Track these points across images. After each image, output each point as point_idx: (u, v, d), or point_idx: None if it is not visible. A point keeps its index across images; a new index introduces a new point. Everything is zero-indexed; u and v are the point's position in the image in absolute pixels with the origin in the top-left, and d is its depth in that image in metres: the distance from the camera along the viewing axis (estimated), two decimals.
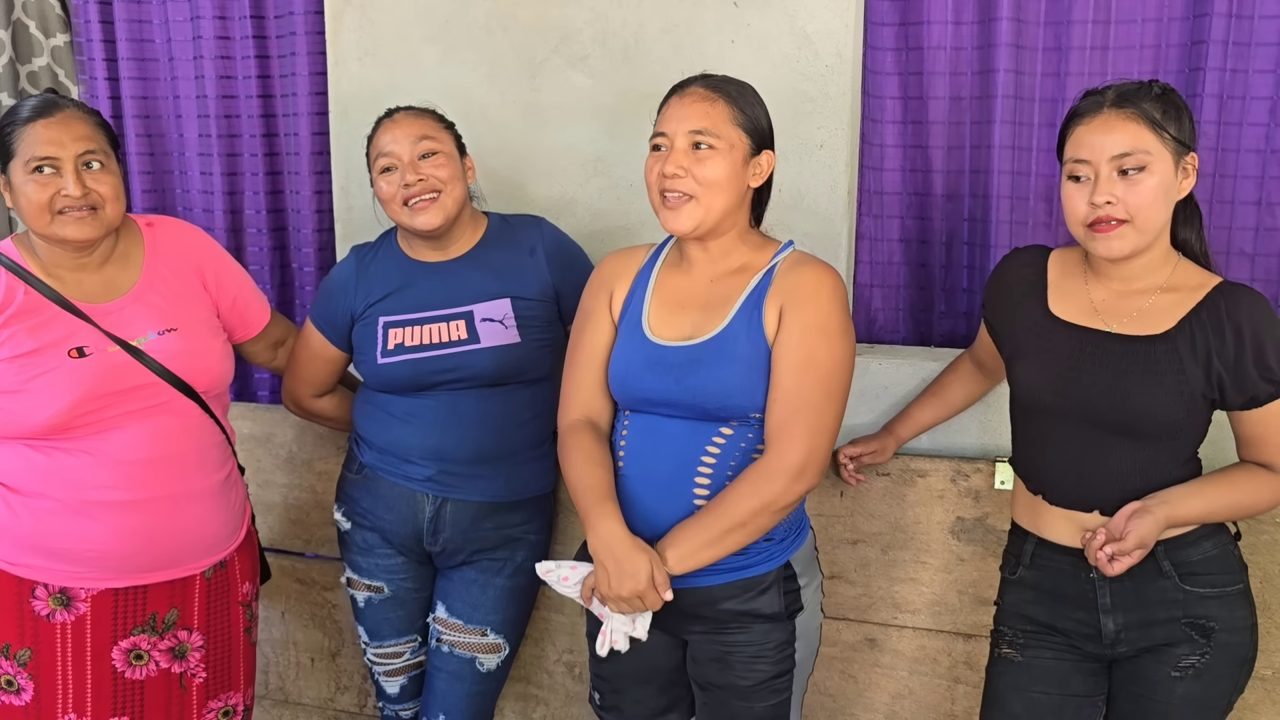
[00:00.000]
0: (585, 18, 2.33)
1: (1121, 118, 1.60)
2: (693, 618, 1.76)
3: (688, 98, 1.71)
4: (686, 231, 1.71)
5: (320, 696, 2.68)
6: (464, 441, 2.06)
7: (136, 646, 1.91)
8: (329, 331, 2.16)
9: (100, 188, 1.82)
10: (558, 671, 2.48)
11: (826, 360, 1.66)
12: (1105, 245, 1.62)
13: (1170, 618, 1.68)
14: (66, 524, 1.82)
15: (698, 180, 1.68)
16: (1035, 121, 2.23)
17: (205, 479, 1.93)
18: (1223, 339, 1.61)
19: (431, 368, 2.04)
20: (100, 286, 1.88)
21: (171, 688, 1.96)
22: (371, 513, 2.14)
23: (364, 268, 2.15)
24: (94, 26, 2.83)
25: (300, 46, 2.64)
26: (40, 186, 1.79)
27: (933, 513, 2.17)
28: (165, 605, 1.92)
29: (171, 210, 2.93)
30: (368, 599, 2.19)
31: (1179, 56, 2.14)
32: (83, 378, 1.80)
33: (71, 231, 1.81)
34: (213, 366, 1.95)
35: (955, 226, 2.34)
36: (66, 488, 1.81)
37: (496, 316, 2.06)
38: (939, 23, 2.25)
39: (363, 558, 2.17)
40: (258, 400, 2.91)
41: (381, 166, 2.04)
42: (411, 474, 2.09)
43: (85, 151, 1.81)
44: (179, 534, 1.90)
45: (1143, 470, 1.67)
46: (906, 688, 2.24)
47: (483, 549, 2.12)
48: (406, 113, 2.08)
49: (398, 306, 2.09)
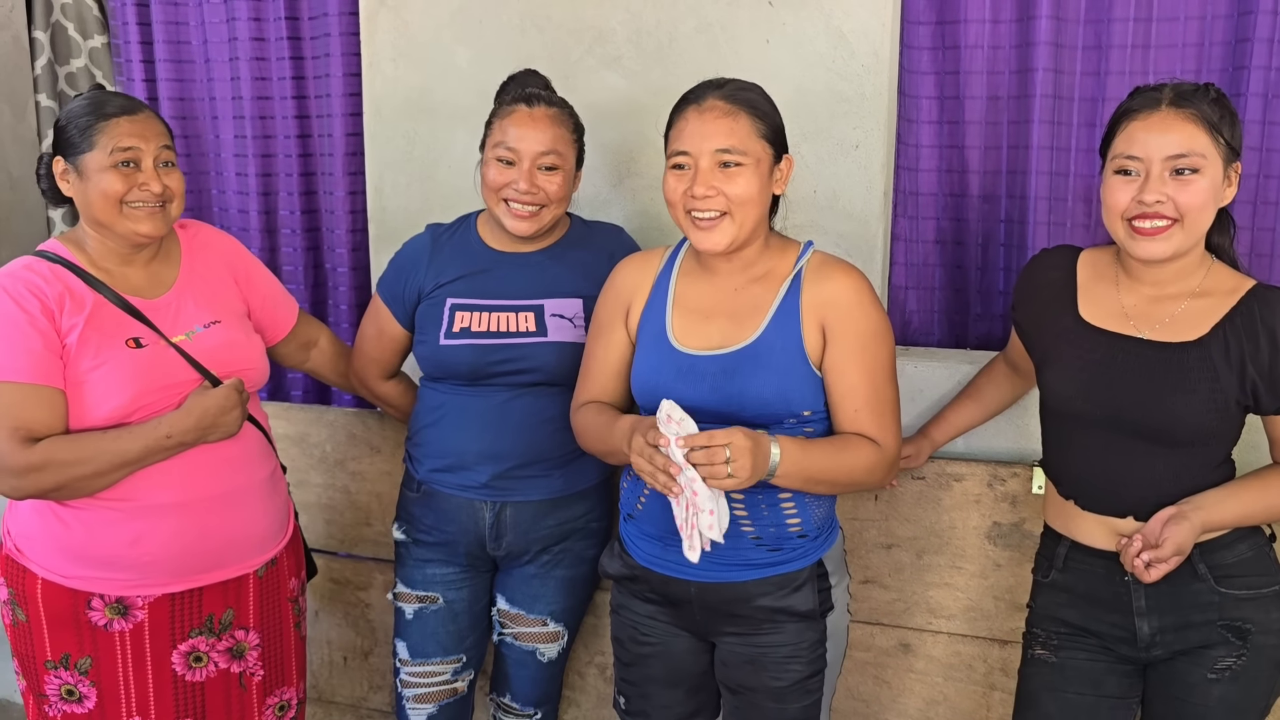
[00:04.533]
0: (619, 18, 2.33)
1: (1180, 118, 1.57)
2: (726, 617, 1.76)
3: (708, 114, 1.68)
4: (722, 250, 1.70)
5: (354, 695, 2.69)
6: (518, 443, 2.06)
7: (195, 649, 1.92)
8: (395, 306, 2.15)
9: (172, 184, 1.87)
10: (589, 673, 2.48)
11: (887, 359, 1.74)
12: (1149, 247, 1.60)
13: (1206, 620, 1.66)
14: (119, 531, 1.82)
15: (730, 198, 1.67)
16: (1074, 121, 2.20)
17: (251, 476, 1.94)
18: (1257, 345, 1.59)
19: (494, 356, 2.03)
20: (147, 281, 1.91)
21: (231, 687, 1.97)
22: (435, 528, 2.13)
23: (439, 247, 2.13)
24: (131, 28, 2.86)
25: (335, 48, 2.66)
26: (122, 178, 1.82)
27: (968, 517, 2.15)
28: (221, 606, 1.93)
29: (208, 210, 2.96)
30: (418, 610, 2.17)
31: (1222, 55, 2.10)
32: (142, 368, 1.81)
33: (144, 226, 1.84)
34: (255, 361, 1.97)
35: (992, 228, 2.32)
36: (117, 493, 1.82)
37: (567, 314, 2.06)
38: (976, 21, 2.22)
39: (416, 570, 2.16)
40: (291, 400, 2.92)
41: (499, 156, 2.00)
42: (468, 482, 2.08)
43: (163, 148, 1.87)
44: (230, 533, 1.91)
45: (1176, 476, 1.66)
46: (941, 694, 2.22)
47: (547, 545, 2.13)
48: (547, 111, 2.01)
49: (468, 290, 2.08)
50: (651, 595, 1.82)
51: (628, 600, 1.87)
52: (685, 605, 1.78)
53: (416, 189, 2.55)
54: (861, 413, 1.70)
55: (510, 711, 2.24)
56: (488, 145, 2.04)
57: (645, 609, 1.84)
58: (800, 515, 1.74)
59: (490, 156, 2.02)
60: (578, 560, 2.16)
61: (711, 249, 1.70)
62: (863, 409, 1.70)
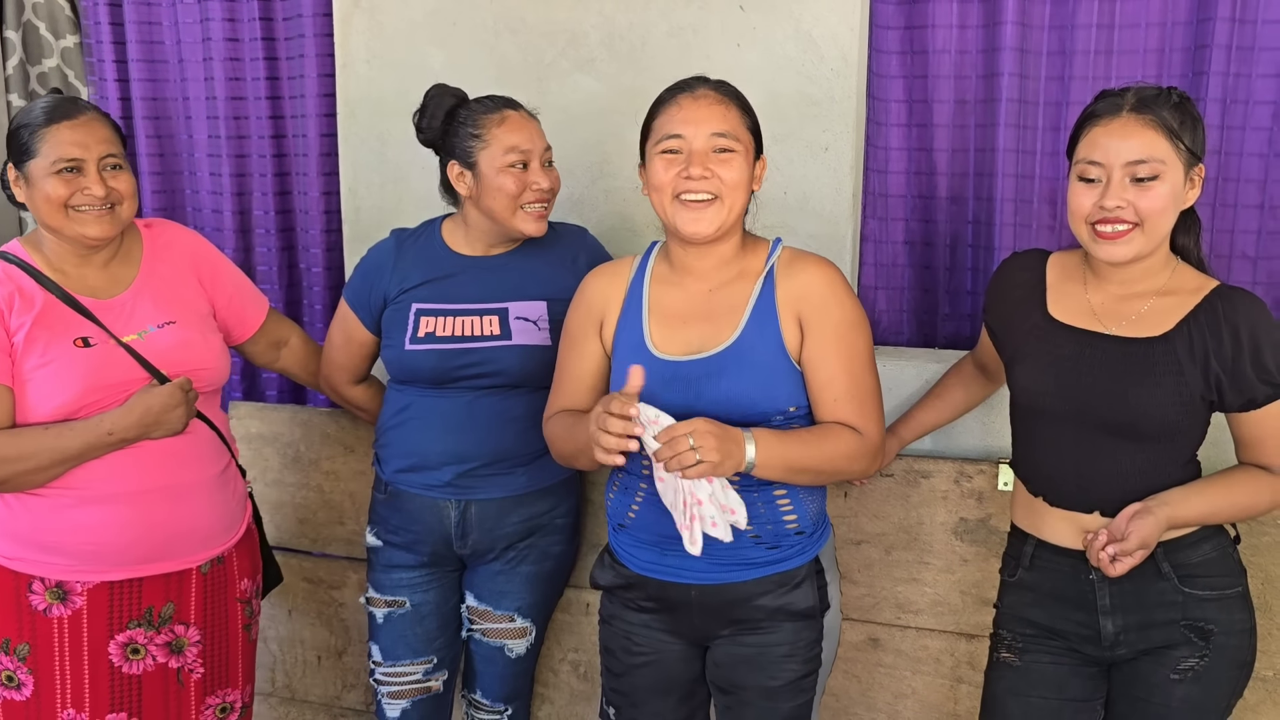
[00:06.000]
0: (592, 21, 2.35)
1: (1140, 124, 1.60)
2: (725, 619, 1.76)
3: (702, 99, 1.70)
4: (709, 234, 1.70)
5: (326, 694, 2.70)
6: (483, 443, 2.07)
7: (133, 640, 1.93)
8: (361, 312, 2.17)
9: (120, 186, 1.89)
10: (563, 670, 2.50)
11: (865, 348, 1.74)
12: (1110, 250, 1.63)
13: (1169, 620, 1.69)
14: (62, 518, 1.85)
15: (724, 182, 1.68)
16: (1039, 125, 2.24)
17: (200, 472, 1.96)
18: (1220, 341, 1.62)
19: (459, 360, 2.05)
20: (104, 282, 1.93)
21: (169, 683, 1.97)
22: (402, 528, 2.15)
23: (403, 252, 2.15)
24: (104, 28, 2.85)
25: (309, 48, 2.66)
26: (64, 183, 1.84)
27: (936, 514, 2.18)
28: (161, 599, 1.94)
29: (181, 210, 2.95)
30: (387, 614, 2.18)
31: (1183, 61, 2.15)
32: (89, 367, 1.84)
33: (91, 229, 1.87)
34: (210, 361, 1.98)
35: (959, 229, 2.35)
36: (63, 481, 1.84)
37: (531, 317, 2.07)
38: (944, 26, 2.26)
39: (385, 575, 2.18)
40: (266, 400, 2.92)
41: (511, 161, 2.01)
42: (431, 481, 2.10)
43: (107, 154, 1.88)
44: (173, 526, 1.92)
45: (1142, 471, 1.68)
46: (909, 687, 2.25)
47: (513, 542, 2.14)
48: (528, 112, 2.06)
49: (433, 295, 2.09)
50: (646, 603, 1.81)
51: (619, 610, 1.86)
52: (684, 609, 1.78)
53: (390, 190, 2.56)
54: (841, 401, 1.70)
55: (481, 708, 2.25)
56: (488, 159, 2.01)
57: (638, 618, 1.83)
58: (797, 511, 1.74)
59: (501, 166, 2.01)
60: (544, 556, 2.17)
61: (699, 233, 1.69)
62: (842, 398, 1.70)
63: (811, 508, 1.77)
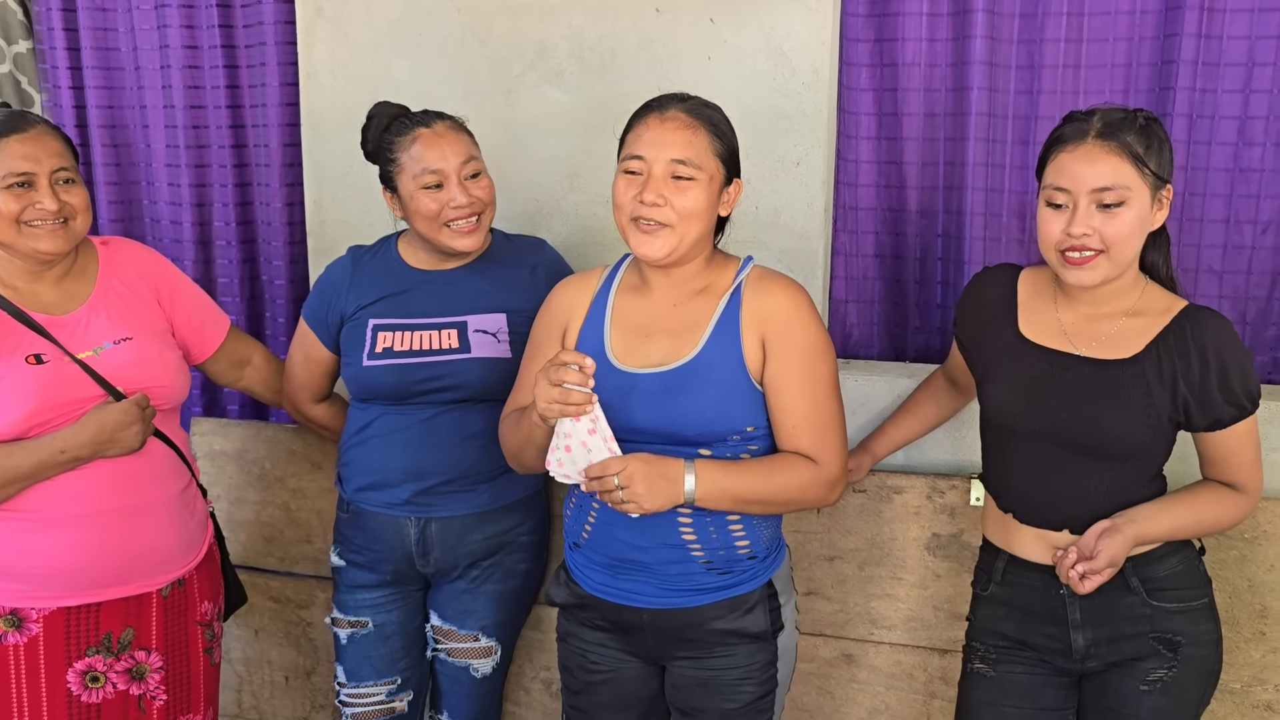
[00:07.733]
0: (562, 33, 2.32)
1: (1105, 150, 1.60)
2: (679, 641, 1.76)
3: (669, 123, 1.67)
4: (659, 259, 1.69)
5: (295, 715, 2.65)
6: (442, 460, 2.05)
7: (92, 668, 1.88)
8: (320, 330, 2.14)
9: (73, 200, 1.85)
10: (534, 688, 2.48)
11: (828, 375, 1.72)
12: (1077, 275, 1.64)
13: (1138, 632, 1.71)
14: (12, 541, 1.81)
15: (676, 210, 1.66)
16: (1009, 139, 2.24)
17: (158, 492, 1.92)
18: (1188, 363, 1.63)
19: (418, 375, 2.02)
20: (57, 298, 1.89)
21: (130, 710, 1.93)
22: (365, 547, 2.12)
23: (359, 269, 2.13)
24: (57, 34, 2.78)
25: (270, 57, 2.61)
26: (14, 198, 1.80)
27: (908, 529, 2.18)
28: (120, 624, 1.89)
29: (139, 221, 2.89)
30: (350, 635, 2.16)
31: (1149, 75, 2.16)
32: (41, 385, 1.79)
33: (44, 244, 1.83)
34: (167, 378, 1.94)
35: (929, 242, 2.36)
36: (13, 503, 1.80)
37: (490, 329, 2.05)
38: (914, 40, 2.26)
39: (349, 595, 2.16)
40: (227, 416, 2.87)
41: (424, 184, 1.98)
42: (391, 499, 2.07)
43: (59, 168, 1.85)
44: (132, 549, 1.87)
45: (1110, 490, 1.70)
46: (883, 703, 2.25)
47: (476, 560, 2.11)
48: (447, 125, 2.02)
49: (390, 311, 2.07)
50: (601, 623, 1.81)
51: (575, 628, 1.85)
52: (637, 632, 1.77)
53: (356, 202, 2.52)
54: (800, 429, 1.69)
55: None
56: (404, 183, 2.00)
57: (594, 636, 1.83)
58: (749, 537, 1.73)
59: (414, 189, 1.99)
60: (509, 574, 2.15)
61: (648, 257, 1.68)
62: (801, 425, 1.69)
63: (765, 533, 1.76)
